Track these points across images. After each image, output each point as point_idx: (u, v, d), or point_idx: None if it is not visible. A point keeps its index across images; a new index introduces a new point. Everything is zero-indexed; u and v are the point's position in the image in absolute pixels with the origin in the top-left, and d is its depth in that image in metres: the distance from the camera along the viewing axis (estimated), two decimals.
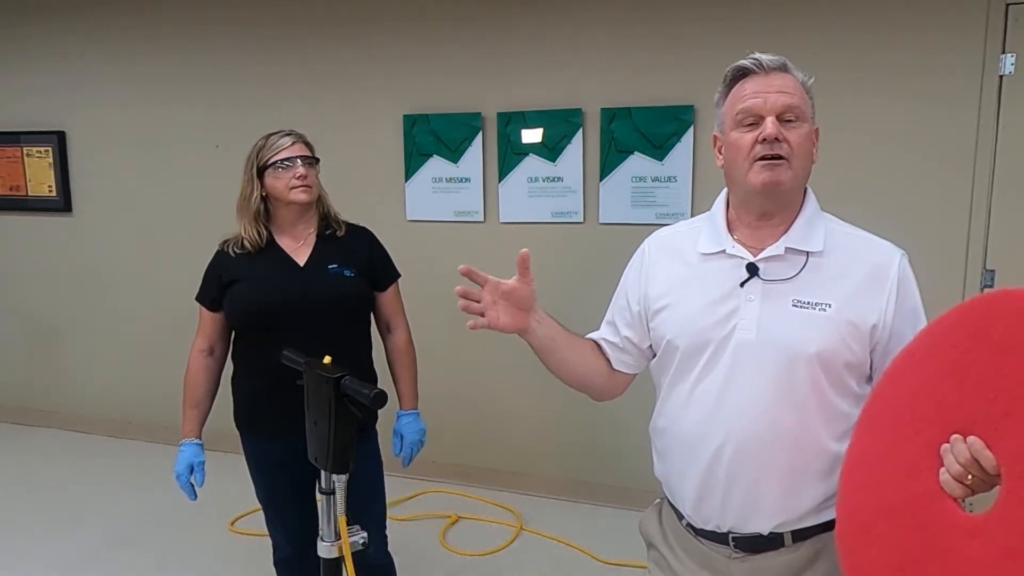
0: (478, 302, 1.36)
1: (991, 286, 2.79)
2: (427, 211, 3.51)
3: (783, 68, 1.30)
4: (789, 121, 1.27)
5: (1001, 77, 2.68)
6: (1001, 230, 2.76)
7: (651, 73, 3.10)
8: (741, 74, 1.31)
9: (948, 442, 1.02)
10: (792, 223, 1.33)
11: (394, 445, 2.20)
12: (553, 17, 3.21)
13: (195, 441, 2.07)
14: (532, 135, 3.29)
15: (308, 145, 2.08)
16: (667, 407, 1.43)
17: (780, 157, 1.26)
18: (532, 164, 3.31)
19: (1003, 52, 2.67)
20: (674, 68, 3.07)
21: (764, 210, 1.33)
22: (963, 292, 2.82)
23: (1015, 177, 2.72)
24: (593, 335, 1.57)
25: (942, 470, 1.03)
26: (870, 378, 1.33)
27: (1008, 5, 2.65)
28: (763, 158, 1.27)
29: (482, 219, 3.43)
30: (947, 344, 1.08)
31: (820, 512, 1.31)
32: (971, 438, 0.99)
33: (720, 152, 1.37)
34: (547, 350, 1.45)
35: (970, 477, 0.99)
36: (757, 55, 1.30)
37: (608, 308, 1.56)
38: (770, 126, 1.25)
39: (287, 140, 2.02)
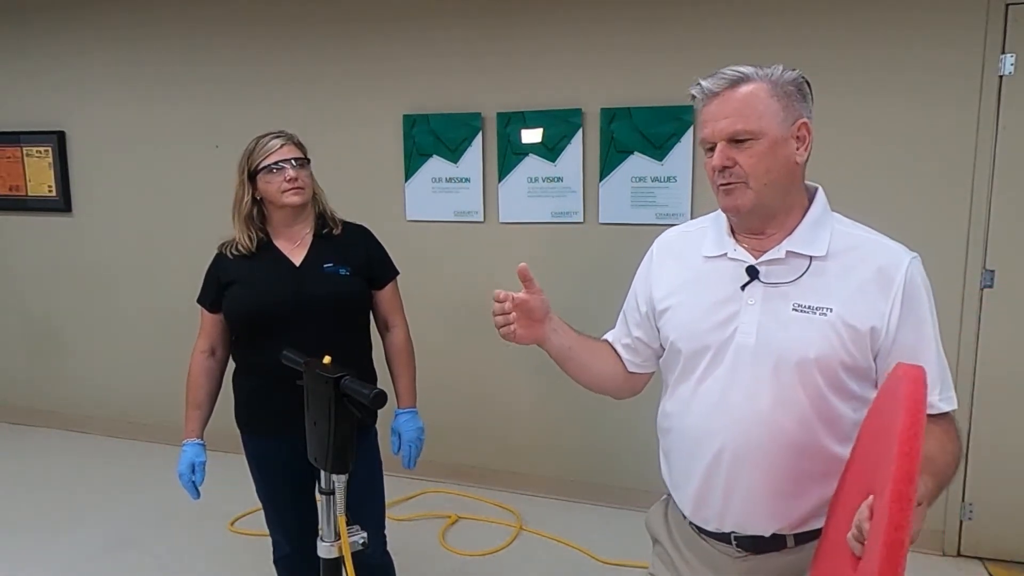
0: (506, 313, 1.38)
1: (991, 286, 2.79)
2: (427, 211, 3.51)
3: (733, 85, 1.26)
4: (741, 141, 1.25)
5: (1001, 77, 2.68)
6: (1001, 230, 2.76)
7: (651, 73, 3.10)
8: (701, 97, 1.30)
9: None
10: (796, 227, 1.31)
11: (392, 444, 2.19)
12: (553, 17, 3.21)
13: (197, 441, 2.08)
14: (532, 135, 3.29)
15: (299, 145, 2.06)
16: (670, 405, 1.44)
17: (735, 182, 1.26)
18: (532, 164, 3.31)
19: (1003, 52, 2.67)
20: (674, 68, 3.06)
21: (747, 227, 1.33)
22: (963, 292, 2.82)
23: (1015, 177, 2.72)
24: (608, 336, 1.58)
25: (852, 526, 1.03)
26: (876, 382, 1.30)
27: (1008, 5, 2.65)
28: (722, 184, 1.28)
29: (482, 219, 3.43)
30: (884, 400, 1.07)
31: (822, 515, 1.30)
32: (863, 505, 0.99)
33: None
34: (565, 358, 1.47)
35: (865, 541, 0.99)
36: (701, 81, 1.28)
37: (621, 307, 1.57)
38: (716, 156, 1.26)
39: (277, 142, 2.00)
